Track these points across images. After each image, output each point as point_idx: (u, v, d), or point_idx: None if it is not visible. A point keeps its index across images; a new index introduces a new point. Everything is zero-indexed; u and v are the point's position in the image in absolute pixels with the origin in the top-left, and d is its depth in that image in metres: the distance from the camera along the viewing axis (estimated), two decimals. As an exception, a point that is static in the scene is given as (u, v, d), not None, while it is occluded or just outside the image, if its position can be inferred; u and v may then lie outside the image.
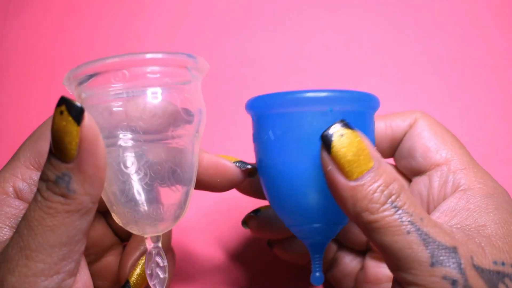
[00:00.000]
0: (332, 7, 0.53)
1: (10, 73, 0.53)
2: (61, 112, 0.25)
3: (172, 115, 0.29)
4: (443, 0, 0.53)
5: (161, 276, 0.30)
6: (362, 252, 0.39)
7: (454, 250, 0.26)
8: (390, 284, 0.32)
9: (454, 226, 0.28)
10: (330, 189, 0.28)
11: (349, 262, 0.39)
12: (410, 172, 0.35)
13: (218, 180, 0.33)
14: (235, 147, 0.47)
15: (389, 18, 0.53)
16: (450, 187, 0.31)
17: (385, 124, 0.35)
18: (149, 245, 0.30)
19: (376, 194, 0.26)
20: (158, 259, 0.30)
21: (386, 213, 0.26)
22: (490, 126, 0.48)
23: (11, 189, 0.30)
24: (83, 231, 0.26)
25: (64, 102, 0.25)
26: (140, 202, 0.29)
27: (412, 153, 0.34)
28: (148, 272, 0.30)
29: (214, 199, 0.45)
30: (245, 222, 0.39)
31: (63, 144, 0.25)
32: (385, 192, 0.26)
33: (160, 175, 0.29)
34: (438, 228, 0.27)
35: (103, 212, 0.36)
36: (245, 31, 0.53)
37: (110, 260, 0.36)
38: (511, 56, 0.50)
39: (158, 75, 0.28)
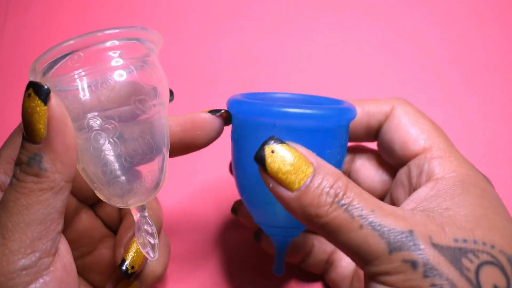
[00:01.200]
0: (332, 7, 0.54)
1: (11, 73, 0.53)
2: (29, 95, 0.26)
3: (137, 91, 0.29)
4: (443, 0, 0.53)
5: (152, 242, 0.31)
6: None
7: (410, 233, 0.26)
8: None
9: (417, 208, 0.28)
10: (280, 203, 0.28)
11: (346, 265, 0.38)
12: (394, 164, 0.34)
13: (198, 132, 0.34)
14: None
15: (389, 19, 0.53)
16: (424, 176, 0.31)
17: (362, 110, 0.35)
18: (136, 215, 0.31)
19: (322, 197, 0.26)
20: (146, 227, 0.31)
21: (335, 213, 0.26)
22: (490, 125, 0.48)
23: None
24: (58, 210, 0.27)
25: (31, 85, 0.26)
26: (122, 179, 0.29)
27: (391, 146, 0.33)
28: (140, 241, 0.31)
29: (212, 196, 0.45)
30: (235, 209, 0.39)
31: (32, 125, 0.26)
32: (331, 193, 0.26)
33: (136, 149, 0.29)
34: (392, 215, 0.26)
35: (91, 205, 0.37)
36: (245, 31, 0.54)
37: (104, 253, 0.36)
38: (511, 56, 0.50)
39: (117, 53, 0.29)
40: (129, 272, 0.33)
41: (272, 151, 0.27)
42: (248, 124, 0.32)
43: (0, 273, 0.26)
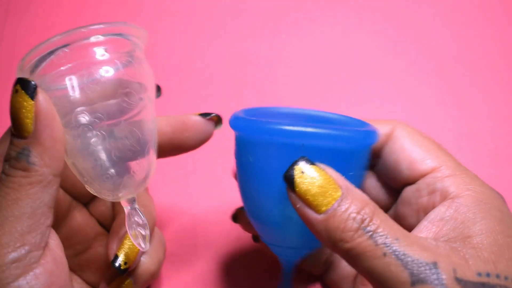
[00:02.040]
0: (332, 7, 0.54)
1: (10, 72, 0.53)
2: (16, 91, 0.27)
3: (123, 85, 0.29)
4: (443, 1, 0.53)
5: (143, 233, 0.31)
6: None
7: (434, 265, 0.25)
8: None
9: (441, 239, 0.28)
10: (306, 224, 0.28)
11: (346, 265, 0.38)
12: (398, 184, 0.34)
13: (187, 135, 0.34)
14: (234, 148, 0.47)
15: (389, 19, 0.53)
16: (438, 195, 0.31)
17: None
18: (126, 207, 0.31)
19: (348, 222, 0.26)
20: (137, 218, 0.31)
21: (360, 239, 0.26)
22: (489, 127, 0.47)
23: None
24: (47, 204, 0.28)
25: (18, 81, 0.27)
26: (111, 172, 0.30)
27: (397, 167, 0.33)
28: (131, 232, 0.31)
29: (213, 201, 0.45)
30: (235, 216, 0.39)
31: (19, 120, 0.27)
32: (357, 218, 0.26)
33: (125, 143, 0.30)
34: (416, 245, 0.26)
35: (85, 204, 0.37)
36: (245, 32, 0.53)
37: (98, 251, 0.36)
38: (511, 57, 0.50)
39: (102, 48, 0.29)
40: (122, 268, 0.33)
41: (302, 172, 0.27)
42: (270, 145, 0.30)
43: None
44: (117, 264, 0.33)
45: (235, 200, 0.43)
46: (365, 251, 0.26)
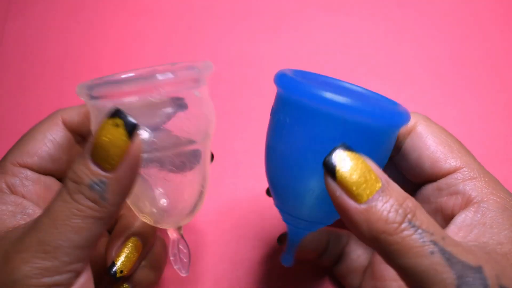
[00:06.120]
0: (332, 8, 0.54)
1: (11, 73, 0.53)
2: (117, 125, 0.26)
3: (187, 125, 0.30)
4: (443, 1, 0.54)
5: (185, 260, 0.34)
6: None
7: (479, 270, 0.25)
8: (394, 283, 0.33)
9: (472, 243, 0.27)
10: (341, 215, 0.27)
11: (356, 258, 0.38)
12: (418, 180, 0.34)
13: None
14: (234, 148, 0.47)
15: (389, 20, 0.54)
16: (460, 198, 0.30)
17: None
18: (172, 235, 0.34)
19: (391, 214, 0.25)
20: (181, 246, 0.34)
21: (405, 233, 0.25)
22: (490, 126, 0.48)
23: (4, 185, 0.31)
24: (100, 237, 0.27)
25: (120, 115, 0.26)
26: (167, 207, 0.32)
27: (420, 165, 0.32)
28: (172, 258, 0.34)
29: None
30: (280, 240, 0.39)
31: (109, 154, 0.26)
32: (400, 211, 0.25)
33: (181, 180, 0.31)
34: (461, 247, 0.25)
35: None
36: (245, 33, 0.54)
37: (101, 251, 0.36)
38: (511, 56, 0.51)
39: (171, 90, 0.30)
40: (117, 276, 0.33)
41: (344, 159, 0.26)
42: (311, 111, 0.29)
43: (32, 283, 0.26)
44: (112, 272, 0.33)
45: (235, 203, 0.43)
46: (410, 247, 0.25)
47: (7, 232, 0.28)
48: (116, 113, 0.26)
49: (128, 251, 0.33)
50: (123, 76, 0.32)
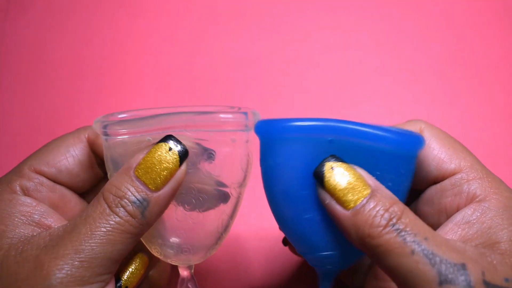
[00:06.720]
0: (332, 8, 0.54)
1: (11, 72, 0.53)
2: (170, 149, 0.28)
3: (225, 170, 0.31)
4: (443, 1, 0.54)
5: None
6: None
7: (463, 266, 0.26)
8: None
9: (468, 242, 0.28)
10: (333, 221, 0.29)
11: (360, 259, 0.37)
12: (422, 184, 0.34)
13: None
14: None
15: (389, 20, 0.53)
16: (464, 197, 0.31)
17: None
18: (182, 272, 0.34)
19: (376, 219, 0.27)
20: (190, 285, 0.34)
21: (388, 236, 0.26)
22: (490, 126, 0.48)
23: (18, 187, 0.31)
24: (129, 251, 0.28)
25: (174, 141, 0.29)
26: (178, 245, 0.32)
27: (425, 166, 0.33)
28: None
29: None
30: (286, 241, 0.39)
31: (157, 176, 0.28)
32: (385, 216, 0.27)
33: (198, 219, 0.32)
34: (445, 245, 0.26)
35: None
36: (246, 33, 0.54)
37: None
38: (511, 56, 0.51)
39: (213, 133, 0.31)
40: None
41: (332, 168, 0.28)
42: (297, 143, 0.30)
43: None
44: (117, 287, 0.33)
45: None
46: (392, 248, 0.26)
47: (31, 238, 0.28)
48: (169, 138, 0.28)
49: (134, 267, 0.33)
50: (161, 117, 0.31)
